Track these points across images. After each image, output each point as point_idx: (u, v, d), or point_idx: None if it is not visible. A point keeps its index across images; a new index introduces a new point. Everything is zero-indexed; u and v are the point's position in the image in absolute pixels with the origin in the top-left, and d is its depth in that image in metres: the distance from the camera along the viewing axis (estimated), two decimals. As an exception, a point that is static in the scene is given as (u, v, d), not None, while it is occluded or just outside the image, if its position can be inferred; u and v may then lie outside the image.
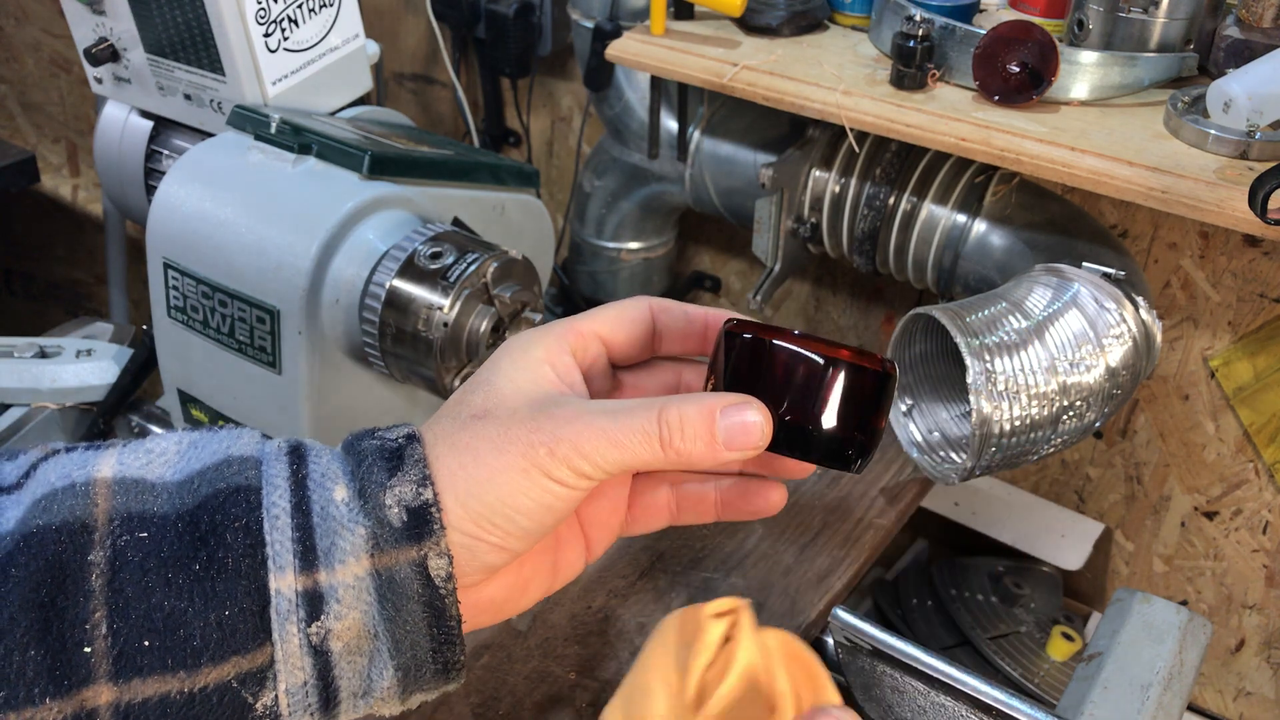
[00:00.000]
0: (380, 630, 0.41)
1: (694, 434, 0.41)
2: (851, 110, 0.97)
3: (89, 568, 0.38)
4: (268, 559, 0.39)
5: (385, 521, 0.40)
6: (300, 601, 0.39)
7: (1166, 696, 0.83)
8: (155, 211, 0.94)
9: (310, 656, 0.40)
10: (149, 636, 0.38)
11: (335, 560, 0.40)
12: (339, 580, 0.40)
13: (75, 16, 1.06)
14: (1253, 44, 0.94)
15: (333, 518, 0.40)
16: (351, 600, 0.40)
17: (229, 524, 0.39)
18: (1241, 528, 1.24)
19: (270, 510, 0.40)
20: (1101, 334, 0.86)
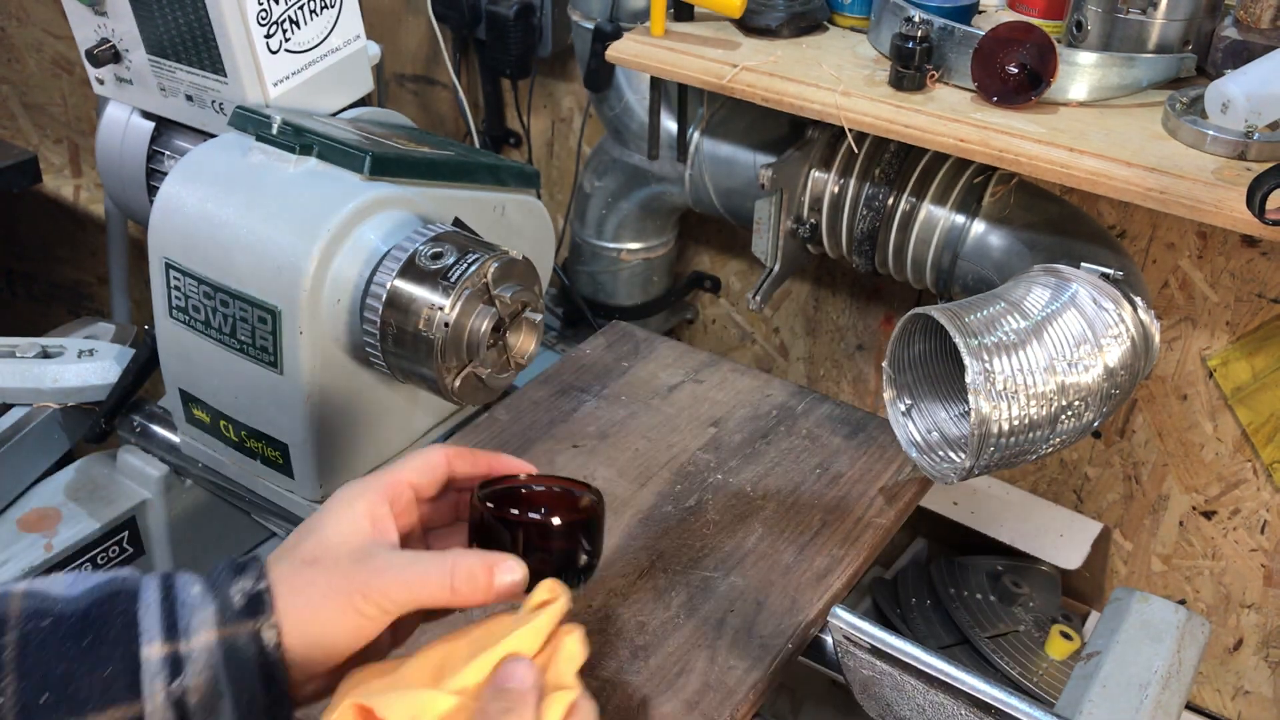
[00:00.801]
0: (225, 689, 0.52)
1: (475, 586, 0.55)
2: (851, 111, 0.98)
3: (4, 647, 0.51)
4: (140, 634, 0.52)
5: (229, 604, 0.53)
6: (165, 664, 0.51)
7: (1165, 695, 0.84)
8: (157, 212, 0.95)
9: (172, 710, 0.51)
10: (47, 691, 0.50)
11: (191, 633, 0.52)
12: (194, 646, 0.52)
13: (77, 17, 1.06)
14: (1251, 45, 0.94)
15: (190, 603, 0.53)
16: (204, 663, 0.52)
17: (113, 613, 0.52)
18: (1240, 527, 1.24)
19: (144, 601, 0.53)
20: (1100, 334, 0.87)
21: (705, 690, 0.77)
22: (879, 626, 0.75)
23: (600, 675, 0.78)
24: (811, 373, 1.52)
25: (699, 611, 0.83)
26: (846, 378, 1.49)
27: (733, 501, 0.95)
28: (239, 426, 0.98)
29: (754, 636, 0.81)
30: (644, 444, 1.01)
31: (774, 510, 0.94)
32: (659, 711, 0.75)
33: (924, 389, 0.97)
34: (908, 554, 1.36)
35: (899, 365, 0.96)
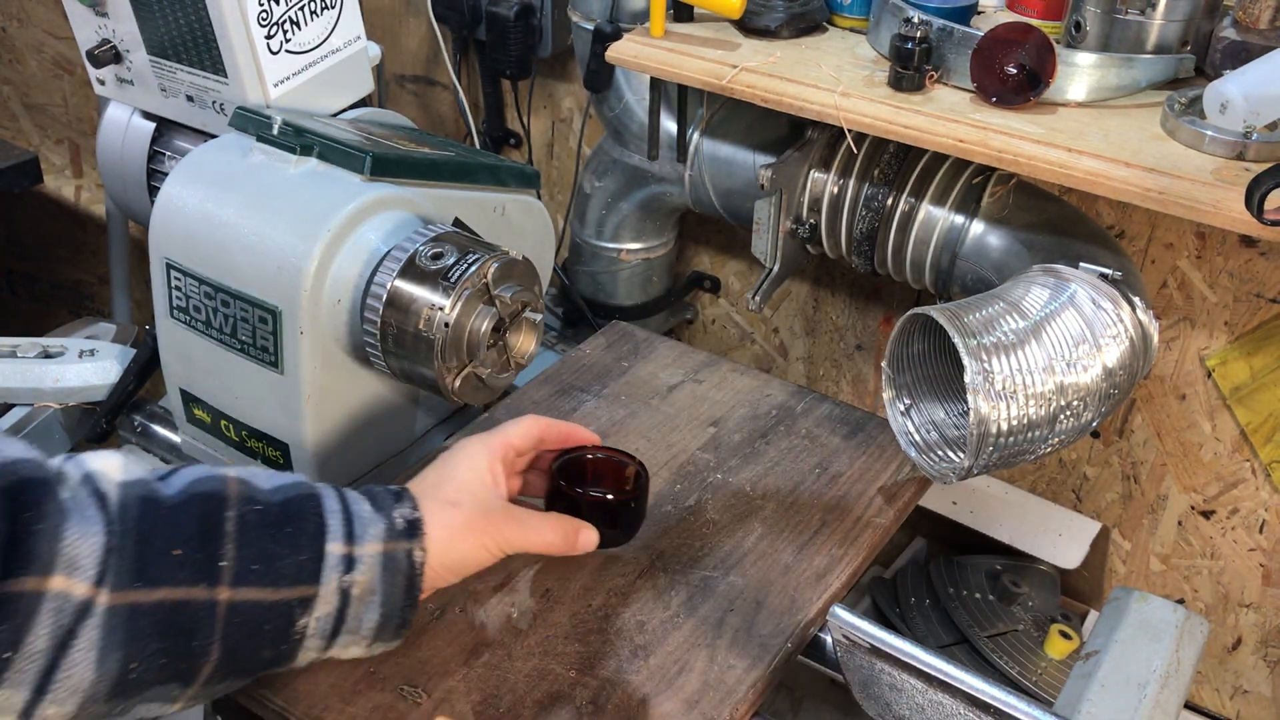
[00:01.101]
0: (378, 588, 0.69)
1: (567, 544, 0.78)
2: (850, 112, 0.98)
3: (226, 519, 0.65)
4: (326, 534, 0.67)
5: (393, 524, 0.70)
6: (341, 561, 0.67)
7: (1163, 695, 0.84)
8: (158, 212, 0.95)
9: (338, 596, 0.67)
10: (258, 564, 0.64)
11: (364, 540, 0.68)
12: (365, 552, 0.68)
13: (78, 18, 1.06)
14: (1250, 45, 0.94)
15: (363, 517, 0.69)
16: (368, 566, 0.68)
17: (307, 512, 0.68)
18: (1238, 526, 1.24)
19: (328, 508, 0.69)
20: (1099, 334, 0.87)
21: (705, 689, 0.77)
22: (878, 626, 0.75)
23: (600, 675, 0.78)
24: (811, 373, 1.52)
25: (698, 611, 0.84)
26: (846, 378, 1.50)
27: (732, 501, 0.95)
28: (239, 426, 0.98)
29: (753, 636, 0.81)
30: (644, 444, 1.01)
31: (773, 510, 0.94)
32: (659, 711, 0.75)
33: (923, 389, 0.97)
34: (907, 553, 1.36)
35: (898, 365, 0.96)
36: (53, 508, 0.59)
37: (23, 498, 0.58)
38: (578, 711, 0.75)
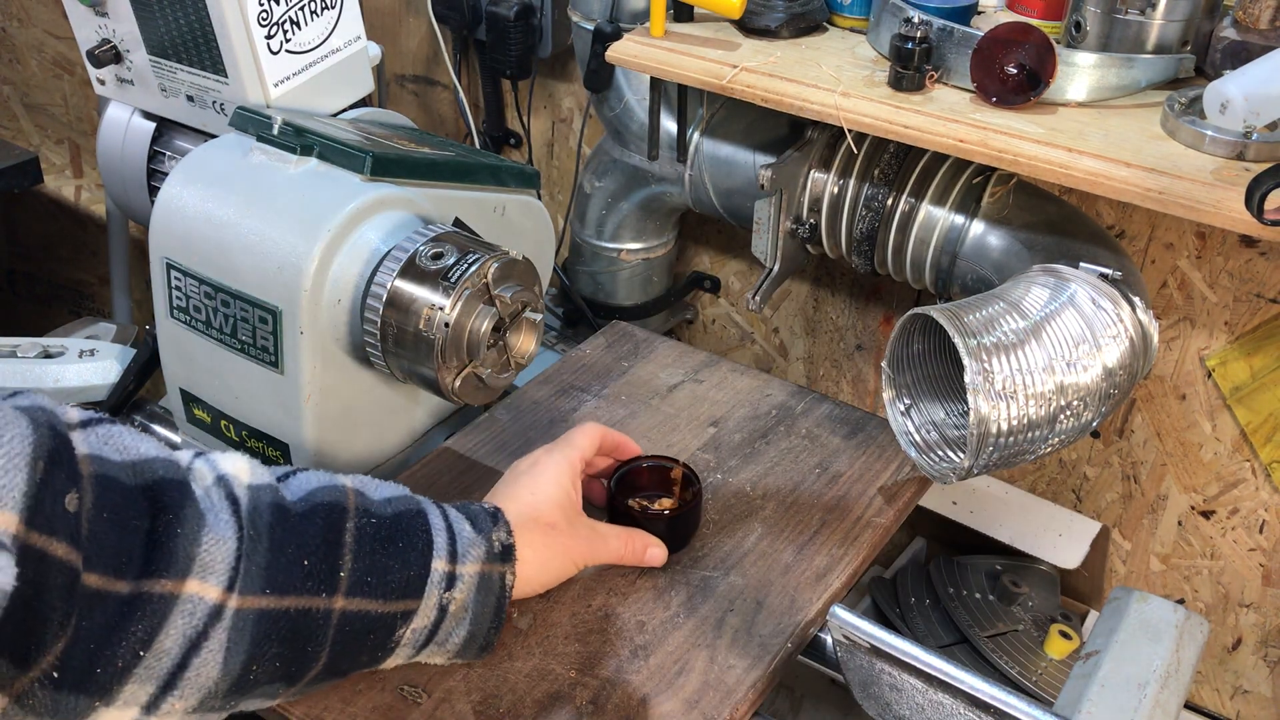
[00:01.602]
0: (471, 606, 0.72)
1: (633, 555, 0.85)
2: (850, 112, 0.98)
3: (345, 531, 0.67)
4: (434, 551, 0.71)
5: (491, 547, 0.74)
6: (444, 578, 0.71)
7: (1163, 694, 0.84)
8: (158, 212, 0.95)
9: (436, 611, 0.70)
10: (371, 575, 0.67)
11: (465, 560, 0.72)
12: (464, 571, 0.72)
13: (78, 18, 1.06)
14: (1250, 45, 0.94)
15: (465, 537, 0.73)
16: (467, 585, 0.72)
17: (415, 528, 0.71)
18: (1238, 527, 1.24)
19: (434, 525, 0.72)
20: (1098, 334, 0.87)
21: (705, 689, 0.77)
22: (878, 626, 0.75)
23: (600, 674, 0.78)
24: (811, 372, 1.52)
25: (699, 611, 0.84)
26: (846, 378, 1.50)
27: (732, 501, 0.95)
28: (240, 426, 0.98)
29: (753, 636, 0.81)
30: (644, 444, 1.01)
31: (773, 510, 0.94)
32: (658, 710, 0.75)
33: (923, 389, 0.97)
34: (907, 553, 1.36)
35: (898, 365, 0.96)
36: (191, 512, 0.61)
37: (162, 499, 0.61)
38: (578, 711, 0.75)
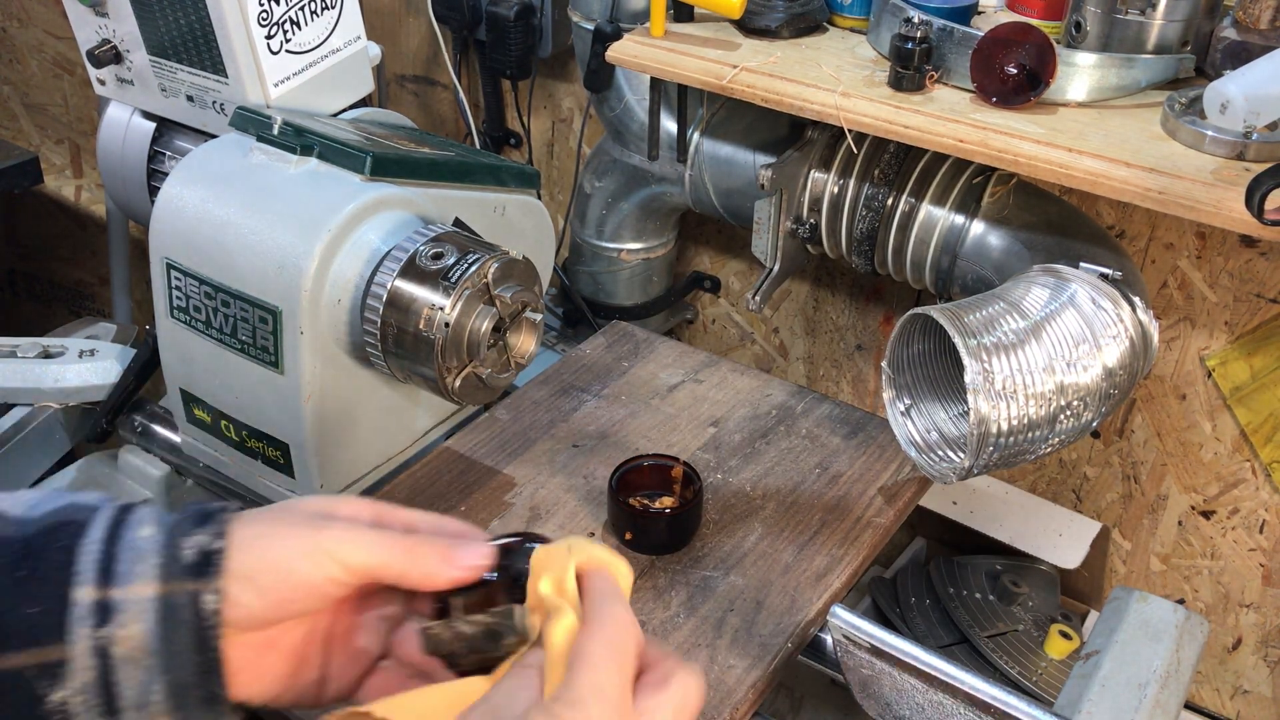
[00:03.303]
0: (156, 647, 0.49)
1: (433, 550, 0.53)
2: (850, 112, 0.98)
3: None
4: (74, 575, 0.49)
5: (177, 558, 0.50)
6: (93, 610, 0.48)
7: (1164, 695, 0.84)
8: (158, 212, 0.95)
9: (96, 658, 0.48)
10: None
11: (129, 580, 0.49)
12: (129, 595, 0.49)
13: (78, 18, 1.06)
14: (1250, 45, 0.94)
15: (135, 548, 0.50)
16: (135, 614, 0.49)
17: (53, 545, 0.50)
18: (1238, 527, 1.24)
19: (87, 540, 0.50)
20: (1099, 334, 0.87)
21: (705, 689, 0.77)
22: (878, 626, 0.75)
23: (600, 674, 0.78)
24: (811, 373, 1.52)
25: (698, 611, 0.84)
26: (846, 378, 1.50)
27: (732, 501, 0.95)
28: (240, 426, 0.98)
29: (753, 636, 0.81)
30: (644, 444, 1.01)
31: (773, 510, 0.94)
32: (659, 710, 0.75)
33: (923, 389, 0.97)
34: (907, 553, 1.36)
35: (898, 365, 0.96)
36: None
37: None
38: (578, 711, 0.75)
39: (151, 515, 0.52)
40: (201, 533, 0.51)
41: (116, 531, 0.50)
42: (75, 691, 0.48)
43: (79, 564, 0.49)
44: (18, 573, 0.48)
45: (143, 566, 0.49)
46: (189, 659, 0.50)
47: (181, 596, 0.49)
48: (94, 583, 0.49)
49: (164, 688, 0.49)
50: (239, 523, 0.52)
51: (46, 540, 0.50)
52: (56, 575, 0.49)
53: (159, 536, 0.50)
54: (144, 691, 0.49)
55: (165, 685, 0.49)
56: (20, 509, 0.51)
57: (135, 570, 0.49)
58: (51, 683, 0.48)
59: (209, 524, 0.51)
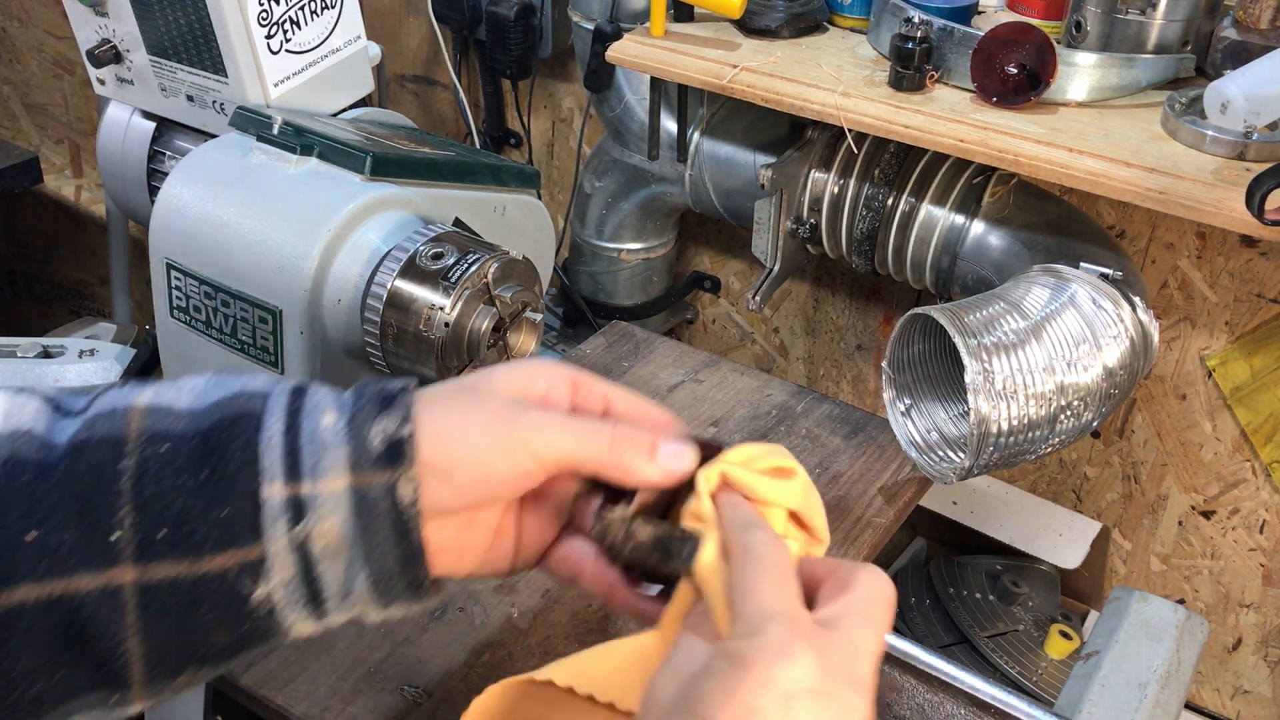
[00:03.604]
0: (355, 540, 0.48)
1: (639, 447, 0.50)
2: (850, 111, 0.98)
3: (120, 472, 0.47)
4: (261, 472, 0.47)
5: (366, 447, 0.48)
6: (286, 506, 0.47)
7: (1164, 695, 0.84)
8: (158, 212, 0.95)
9: (295, 554, 0.48)
10: (164, 528, 0.46)
11: (319, 474, 0.47)
12: (321, 490, 0.47)
13: (78, 18, 1.06)
14: (1250, 45, 0.94)
15: (318, 440, 0.48)
16: (330, 508, 0.47)
17: (232, 442, 0.48)
18: (1239, 527, 1.24)
19: (266, 433, 0.48)
20: (1099, 334, 0.87)
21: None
22: (878, 626, 0.75)
23: (600, 674, 0.78)
24: (811, 373, 1.52)
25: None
26: (846, 378, 1.50)
27: (732, 501, 0.95)
28: (240, 426, 0.98)
29: (754, 636, 0.81)
30: (644, 444, 1.01)
31: (774, 510, 0.94)
32: (659, 710, 0.75)
33: (923, 389, 0.97)
34: (907, 553, 1.36)
35: (898, 365, 0.96)
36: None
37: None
38: (578, 711, 0.75)
39: (329, 400, 0.50)
40: (386, 418, 0.49)
41: (295, 421, 0.49)
42: (278, 586, 0.48)
43: (264, 460, 0.48)
44: (200, 474, 0.47)
45: (330, 460, 0.48)
46: (391, 550, 0.49)
47: (375, 489, 0.48)
48: (282, 479, 0.47)
49: (367, 578, 0.49)
50: (425, 406, 0.50)
51: (223, 435, 0.48)
52: (242, 474, 0.47)
53: (342, 425, 0.49)
54: (347, 582, 0.49)
55: (368, 575, 0.49)
56: (186, 399, 0.50)
57: (323, 464, 0.48)
58: (253, 580, 0.47)
59: (393, 408, 0.49)
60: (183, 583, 0.47)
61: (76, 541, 0.45)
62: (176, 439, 0.48)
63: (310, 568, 0.48)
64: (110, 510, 0.46)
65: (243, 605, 0.48)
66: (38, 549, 0.45)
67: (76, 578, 0.45)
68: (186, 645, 0.48)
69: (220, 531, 0.47)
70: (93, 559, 0.46)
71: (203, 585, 0.47)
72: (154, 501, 0.46)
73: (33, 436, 0.48)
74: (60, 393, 0.51)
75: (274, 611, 0.49)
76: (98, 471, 0.47)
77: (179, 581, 0.47)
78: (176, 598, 0.47)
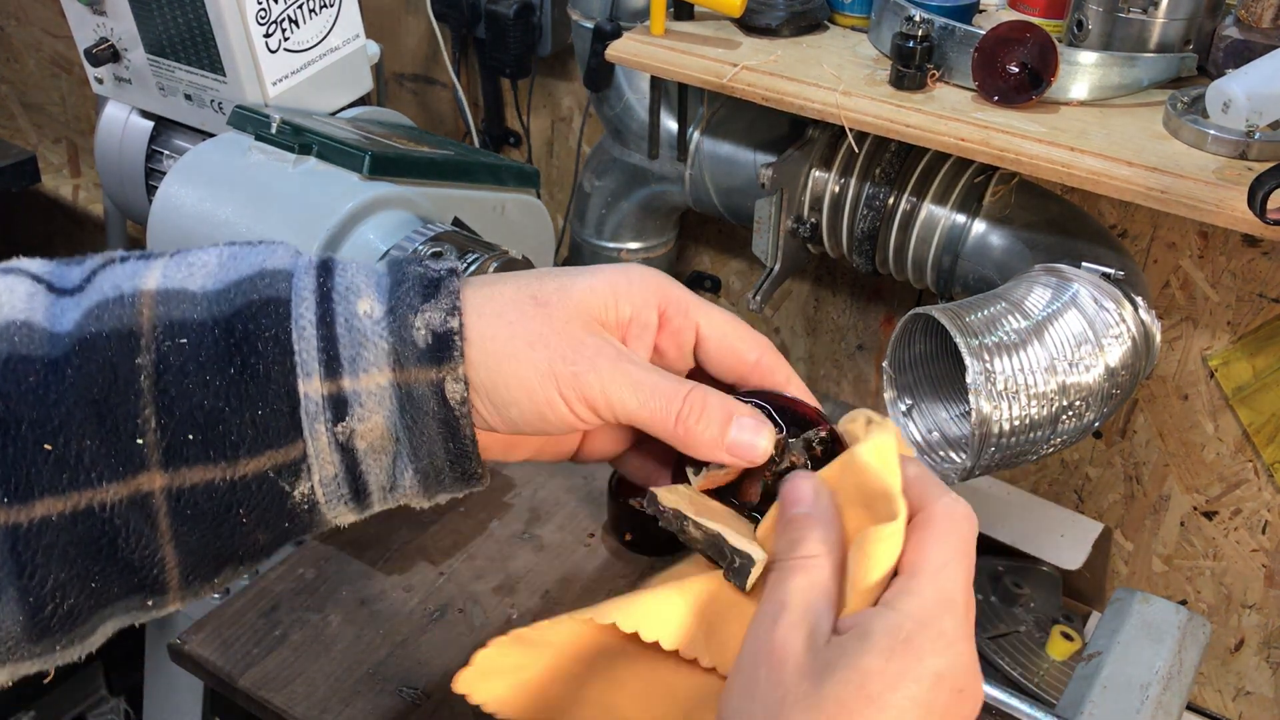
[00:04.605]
0: (401, 435, 0.45)
1: (709, 423, 0.45)
2: (851, 110, 0.98)
3: (137, 369, 0.42)
4: (295, 366, 0.43)
5: (409, 341, 0.44)
6: (326, 404, 0.43)
7: (1166, 696, 0.84)
8: (156, 211, 0.95)
9: (338, 453, 0.44)
10: (192, 431, 0.42)
11: (360, 369, 0.44)
12: (362, 387, 0.44)
13: (76, 17, 1.06)
14: (1252, 44, 0.94)
15: (357, 330, 0.44)
16: (374, 406, 0.44)
17: (260, 333, 0.43)
18: (1240, 527, 1.24)
19: (298, 321, 0.44)
20: (1100, 334, 0.87)
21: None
22: (880, 627, 0.75)
23: (600, 676, 0.77)
24: (812, 373, 1.52)
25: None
26: (847, 378, 1.49)
27: (733, 502, 0.94)
28: (238, 426, 0.98)
29: (754, 637, 0.81)
30: (644, 444, 1.00)
31: (774, 510, 0.94)
32: (659, 712, 0.75)
33: (925, 389, 0.97)
34: (908, 554, 1.35)
35: (899, 365, 0.96)
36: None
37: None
38: (578, 713, 0.75)
39: (363, 279, 0.45)
40: (431, 309, 0.44)
41: (328, 307, 0.44)
42: (319, 483, 0.45)
43: (299, 354, 0.43)
44: (228, 369, 0.43)
45: (371, 353, 0.44)
46: (439, 447, 0.45)
47: (422, 386, 0.44)
48: (320, 374, 0.43)
49: (415, 473, 0.46)
50: (476, 305, 0.45)
51: (250, 325, 0.43)
52: (275, 369, 0.43)
53: (381, 314, 0.44)
54: (393, 477, 0.46)
55: (415, 470, 0.46)
56: (199, 280, 0.45)
57: (363, 356, 0.44)
58: (294, 478, 0.44)
59: (438, 296, 0.45)
60: (218, 487, 0.43)
61: (98, 450, 0.42)
62: (196, 329, 0.43)
63: (354, 465, 0.45)
64: (131, 413, 0.42)
65: (283, 504, 0.45)
66: (56, 460, 0.41)
67: (102, 488, 0.42)
68: (224, 547, 0.45)
69: (256, 432, 0.43)
70: (117, 467, 0.42)
71: (240, 488, 0.44)
72: (180, 402, 0.42)
73: (32, 328, 0.43)
74: (49, 266, 0.47)
75: (315, 507, 0.46)
76: (112, 370, 0.42)
77: (214, 486, 0.43)
78: (212, 502, 0.43)
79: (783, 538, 0.43)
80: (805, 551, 0.42)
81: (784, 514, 0.44)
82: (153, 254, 0.47)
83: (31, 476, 0.41)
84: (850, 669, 0.38)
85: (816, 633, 0.40)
